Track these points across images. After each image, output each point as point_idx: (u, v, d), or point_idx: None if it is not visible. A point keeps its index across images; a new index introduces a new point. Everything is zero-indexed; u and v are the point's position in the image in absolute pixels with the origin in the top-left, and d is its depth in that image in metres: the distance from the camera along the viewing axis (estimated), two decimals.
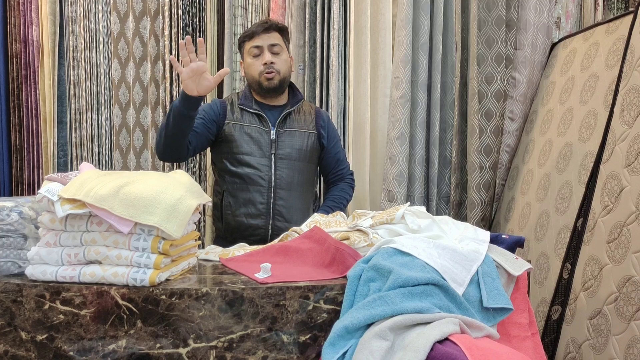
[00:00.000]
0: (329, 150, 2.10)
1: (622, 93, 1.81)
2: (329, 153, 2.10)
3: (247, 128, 1.97)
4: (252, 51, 1.97)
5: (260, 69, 1.96)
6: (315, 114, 2.09)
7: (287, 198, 1.96)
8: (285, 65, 2.00)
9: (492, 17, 2.50)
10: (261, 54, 1.96)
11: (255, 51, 1.97)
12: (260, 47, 1.96)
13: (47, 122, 2.66)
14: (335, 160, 2.12)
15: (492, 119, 2.53)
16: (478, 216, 2.49)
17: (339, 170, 2.14)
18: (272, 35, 1.98)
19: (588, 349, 1.70)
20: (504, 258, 1.29)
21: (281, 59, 1.99)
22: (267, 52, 1.95)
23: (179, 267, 1.25)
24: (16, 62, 2.65)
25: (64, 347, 1.14)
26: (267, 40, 1.96)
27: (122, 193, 1.15)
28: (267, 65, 1.95)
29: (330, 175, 2.14)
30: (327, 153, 2.10)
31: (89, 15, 2.65)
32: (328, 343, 1.05)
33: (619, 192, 1.71)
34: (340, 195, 2.10)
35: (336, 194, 2.10)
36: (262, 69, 1.95)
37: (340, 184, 2.13)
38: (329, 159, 2.11)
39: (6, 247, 1.22)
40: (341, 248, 1.31)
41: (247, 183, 1.94)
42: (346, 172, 2.16)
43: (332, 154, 2.11)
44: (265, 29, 1.96)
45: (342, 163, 2.15)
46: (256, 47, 1.96)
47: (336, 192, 2.11)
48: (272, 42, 1.97)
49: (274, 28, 1.99)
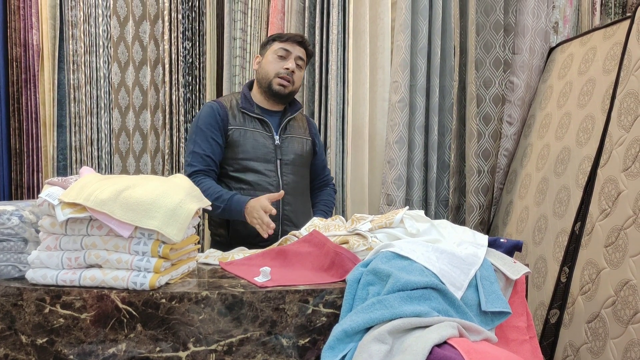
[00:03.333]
0: (318, 156, 2.16)
1: (619, 98, 1.82)
2: (318, 159, 2.16)
3: (252, 133, 1.96)
4: (280, 52, 1.98)
5: (280, 70, 1.96)
6: (307, 122, 2.15)
7: (294, 203, 1.98)
8: (299, 82, 2.05)
9: (490, 21, 2.51)
10: (287, 58, 1.98)
11: (282, 52, 1.98)
12: (289, 52, 1.99)
13: (47, 125, 2.67)
14: (322, 167, 2.20)
15: (491, 123, 2.54)
16: (476, 220, 2.50)
17: (325, 176, 2.21)
18: (302, 51, 2.03)
19: (586, 352, 1.71)
20: (502, 262, 1.30)
21: (300, 74, 2.04)
22: (293, 60, 1.99)
23: (179, 271, 1.26)
24: (16, 66, 2.66)
25: (64, 351, 1.14)
26: (298, 51, 2.00)
27: (123, 197, 1.16)
28: (289, 71, 1.96)
29: (317, 181, 2.19)
30: (317, 159, 2.16)
31: (89, 20, 2.66)
32: (327, 346, 1.05)
33: (616, 196, 1.72)
34: (330, 200, 2.17)
35: (326, 198, 2.16)
36: (282, 72, 1.96)
37: (326, 189, 2.20)
38: (317, 165, 2.17)
39: (7, 251, 1.22)
40: (340, 252, 1.32)
41: (255, 189, 1.92)
42: (329, 177, 2.24)
43: (320, 160, 2.18)
44: (300, 42, 2.01)
45: (326, 169, 2.24)
46: (286, 50, 1.98)
47: (326, 197, 2.17)
48: (300, 55, 2.01)
49: (306, 46, 2.04)
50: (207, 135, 1.93)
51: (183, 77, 2.64)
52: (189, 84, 2.66)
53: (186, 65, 2.65)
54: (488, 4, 2.51)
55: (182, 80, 2.64)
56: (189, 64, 2.66)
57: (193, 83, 2.67)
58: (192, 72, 2.67)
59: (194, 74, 2.68)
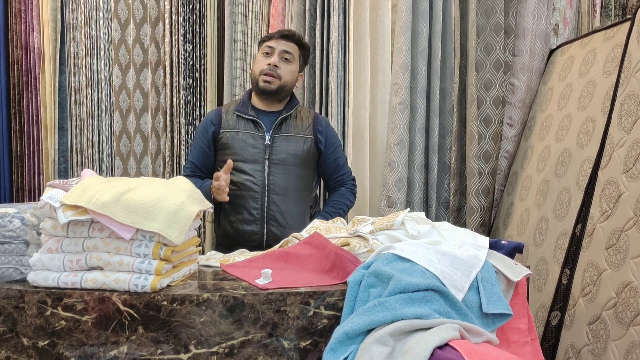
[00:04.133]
0: (327, 155, 2.09)
1: (619, 99, 1.83)
2: (327, 158, 2.10)
3: (242, 134, 2.00)
4: (264, 49, 2.03)
5: (263, 67, 2.00)
6: (314, 120, 2.10)
7: (282, 203, 1.97)
8: (290, 75, 2.03)
9: (491, 23, 2.52)
10: (271, 55, 2.01)
11: (267, 50, 2.02)
12: (272, 48, 2.01)
13: (48, 128, 2.67)
14: (335, 166, 2.12)
15: (491, 125, 2.54)
16: (477, 222, 2.50)
17: (339, 176, 2.13)
18: (289, 45, 2.03)
19: (587, 354, 1.71)
20: (503, 264, 1.30)
21: (288, 68, 2.02)
22: (276, 55, 2.00)
23: (180, 273, 1.26)
24: (17, 69, 2.66)
25: (66, 353, 1.14)
26: (282, 46, 2.01)
27: (124, 199, 1.16)
28: (271, 66, 1.98)
29: (330, 181, 2.14)
30: (326, 158, 2.10)
31: (90, 22, 2.67)
32: (329, 349, 1.05)
33: (617, 197, 1.72)
34: (340, 201, 2.09)
35: (335, 199, 2.10)
36: (265, 68, 1.99)
37: (341, 190, 2.13)
38: (328, 165, 2.11)
39: (8, 254, 1.23)
40: (341, 254, 1.32)
41: (241, 189, 1.96)
42: (347, 177, 2.15)
43: (331, 159, 2.10)
44: (284, 36, 2.02)
45: (342, 169, 2.14)
46: (269, 47, 2.02)
47: (335, 198, 2.11)
48: (285, 48, 2.01)
49: (294, 40, 2.04)
50: (197, 144, 2.07)
51: (184, 80, 2.65)
52: (189, 86, 2.67)
53: (187, 67, 2.66)
54: (488, 6, 2.52)
55: (183, 83, 2.65)
56: (190, 66, 2.67)
57: (194, 85, 2.68)
58: (193, 75, 2.68)
59: (194, 77, 2.68)
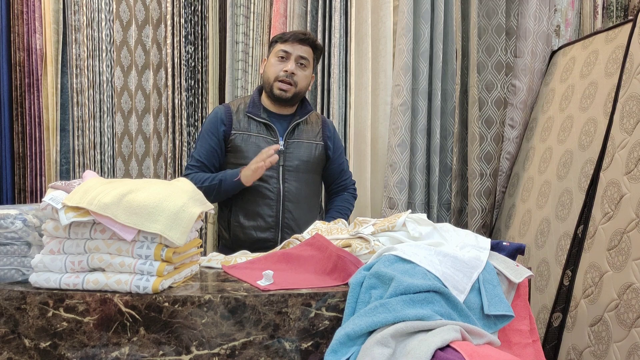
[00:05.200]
0: (333, 160, 2.08)
1: (621, 101, 1.82)
2: (333, 163, 2.08)
3: (255, 138, 1.94)
4: (280, 53, 1.94)
5: (279, 73, 1.93)
6: (322, 125, 2.07)
7: (295, 210, 1.94)
8: (305, 81, 1.98)
9: (492, 25, 2.52)
10: (287, 60, 1.94)
11: (283, 54, 1.94)
12: (289, 53, 1.93)
13: (50, 129, 2.68)
14: (340, 171, 2.11)
15: (493, 126, 2.54)
16: (479, 223, 2.50)
17: (343, 181, 2.13)
18: (305, 49, 1.96)
19: (589, 356, 1.71)
20: (504, 265, 1.30)
21: (304, 74, 1.96)
22: (293, 61, 1.93)
23: (182, 275, 1.26)
24: (19, 70, 2.67)
25: (67, 355, 1.14)
26: (299, 50, 1.94)
27: (126, 201, 1.16)
28: (287, 73, 1.91)
29: (333, 186, 2.12)
30: (332, 163, 2.08)
31: (92, 24, 2.68)
32: (330, 350, 1.05)
33: (619, 199, 1.72)
34: (344, 206, 2.08)
35: (340, 204, 2.09)
36: (282, 74, 1.92)
37: (344, 194, 2.12)
38: (333, 170, 2.09)
39: (10, 255, 1.23)
40: (343, 255, 1.32)
41: (255, 196, 1.91)
42: (349, 182, 2.15)
43: (336, 164, 2.09)
44: (301, 40, 1.94)
45: (345, 173, 2.14)
46: (285, 51, 1.94)
47: (340, 203, 2.09)
48: (302, 54, 1.94)
49: (310, 43, 1.97)
50: (206, 141, 1.96)
51: (185, 81, 2.65)
52: (191, 87, 2.67)
53: (188, 69, 2.66)
54: (490, 7, 2.52)
55: (185, 84, 2.65)
56: (192, 67, 2.67)
57: (195, 87, 2.68)
58: (195, 76, 2.68)
59: (196, 78, 2.69)
